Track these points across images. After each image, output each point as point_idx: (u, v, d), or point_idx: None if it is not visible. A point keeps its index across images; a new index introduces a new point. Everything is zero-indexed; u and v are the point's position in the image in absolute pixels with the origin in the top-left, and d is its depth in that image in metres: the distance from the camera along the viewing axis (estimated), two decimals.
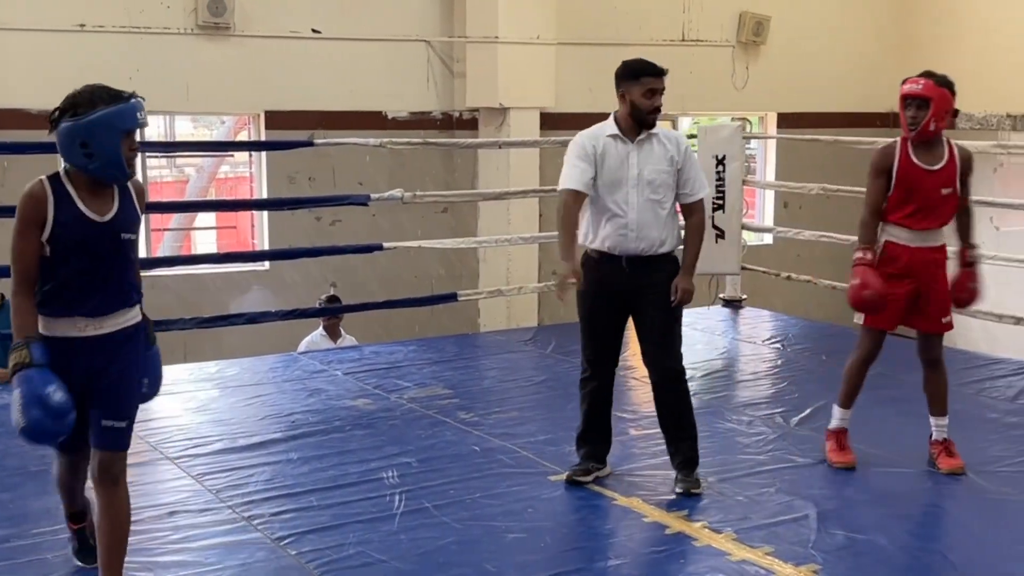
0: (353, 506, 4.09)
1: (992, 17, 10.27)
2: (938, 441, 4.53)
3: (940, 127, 4.38)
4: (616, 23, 9.75)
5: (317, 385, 5.89)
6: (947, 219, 4.45)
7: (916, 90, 4.36)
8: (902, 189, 4.40)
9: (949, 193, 4.39)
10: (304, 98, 8.70)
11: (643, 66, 4.25)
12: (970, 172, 4.47)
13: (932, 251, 4.45)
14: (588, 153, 4.17)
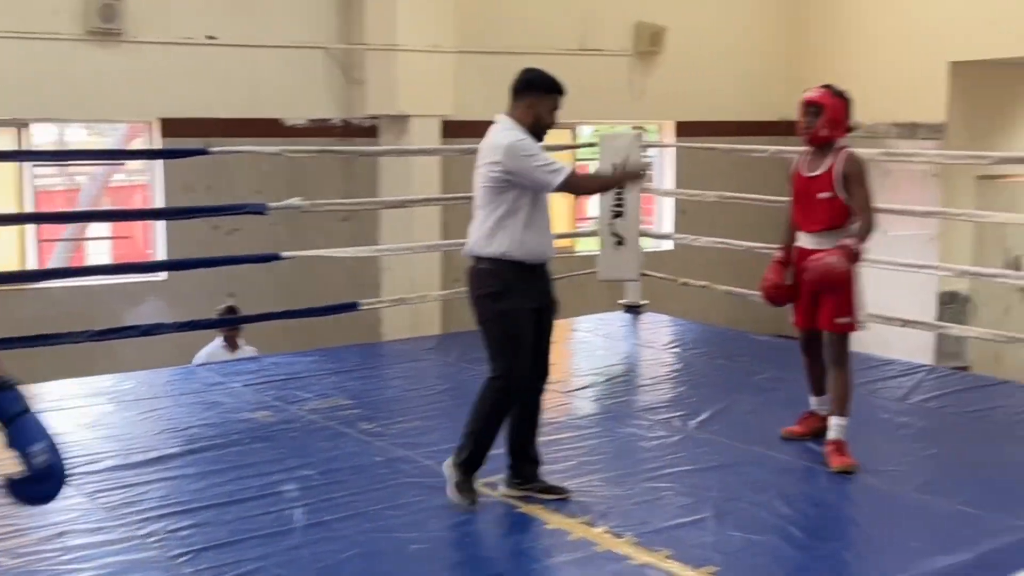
0: (252, 521, 4.01)
1: (879, 30, 10.60)
2: (831, 440, 4.65)
3: (833, 135, 4.63)
4: (515, 32, 9.80)
5: (215, 398, 5.78)
6: (832, 223, 4.61)
7: (812, 97, 4.66)
8: (793, 194, 4.75)
9: (828, 197, 4.59)
10: (200, 105, 8.54)
11: (555, 83, 4.24)
12: (852, 178, 4.59)
13: (825, 253, 4.59)
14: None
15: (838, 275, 4.50)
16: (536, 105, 4.17)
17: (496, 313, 4.08)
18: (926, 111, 10.13)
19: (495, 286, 4.08)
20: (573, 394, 5.93)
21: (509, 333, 4.08)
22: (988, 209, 9.80)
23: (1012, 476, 4.55)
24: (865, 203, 4.61)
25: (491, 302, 4.09)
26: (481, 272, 4.13)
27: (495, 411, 4.13)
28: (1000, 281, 8.59)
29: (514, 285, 4.08)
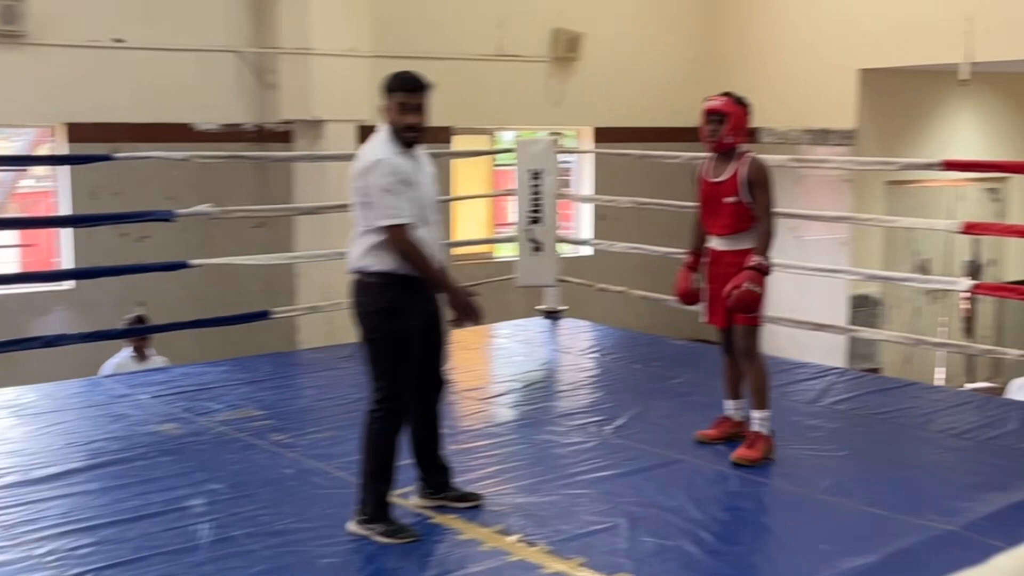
0: (156, 537, 3.90)
1: (792, 38, 10.78)
2: (749, 432, 4.81)
3: (736, 141, 4.78)
4: (432, 37, 9.75)
5: (121, 410, 5.62)
6: (738, 226, 4.76)
7: (715, 106, 4.79)
8: (700, 198, 4.88)
9: (733, 202, 4.74)
10: (107, 110, 8.33)
11: (398, 80, 3.98)
12: (756, 183, 4.72)
13: (732, 254, 4.79)
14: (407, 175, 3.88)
15: (755, 300, 4.65)
16: (387, 107, 3.96)
17: (386, 333, 3.90)
18: (837, 117, 10.33)
19: (384, 303, 3.90)
20: (490, 401, 5.90)
21: (397, 354, 3.90)
22: (897, 214, 10.04)
23: (920, 477, 4.63)
24: (766, 209, 4.73)
25: (380, 320, 3.90)
26: (368, 287, 3.93)
27: (386, 441, 3.93)
28: (909, 285, 8.78)
29: (404, 302, 3.91)
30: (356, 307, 3.98)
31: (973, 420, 5.48)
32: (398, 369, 3.92)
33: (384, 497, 3.93)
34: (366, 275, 3.93)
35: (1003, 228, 7.38)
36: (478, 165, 10.48)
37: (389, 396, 3.91)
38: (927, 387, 7.09)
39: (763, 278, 4.66)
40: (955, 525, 4.01)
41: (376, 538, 3.87)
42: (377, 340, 3.92)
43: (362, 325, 3.96)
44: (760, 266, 4.66)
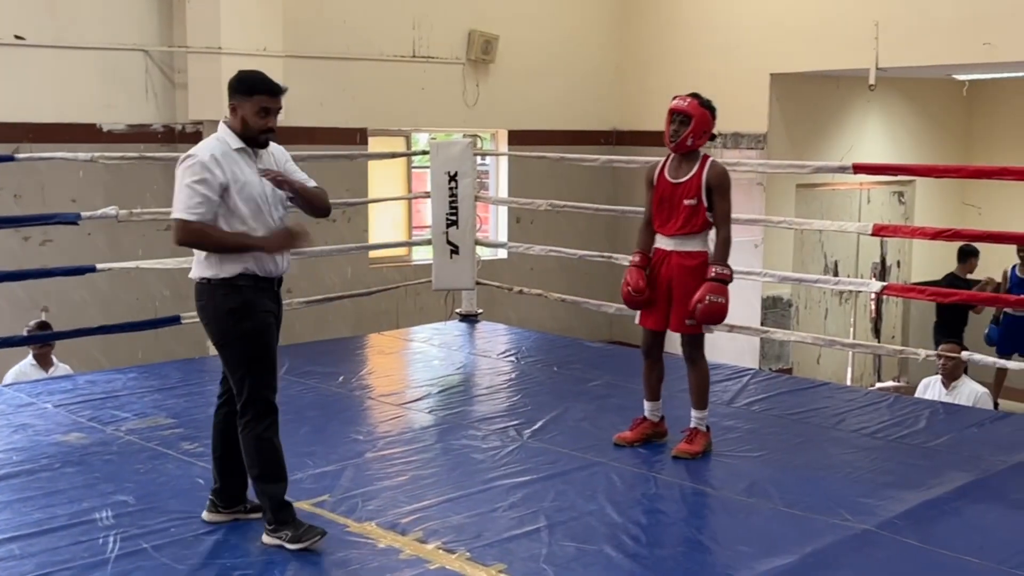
0: (61, 552, 3.76)
1: (705, 42, 10.90)
2: (688, 429, 4.90)
3: (697, 144, 4.81)
4: (346, 37, 9.64)
5: (23, 420, 5.42)
6: (693, 227, 4.77)
7: (681, 106, 4.78)
8: (656, 199, 4.86)
9: (692, 204, 4.75)
10: (8, 109, 8.04)
11: (258, 82, 3.85)
12: (716, 189, 4.74)
13: (682, 255, 4.80)
14: (216, 176, 3.72)
15: (722, 311, 4.68)
16: (240, 108, 3.81)
17: (240, 333, 3.79)
18: (749, 121, 10.47)
19: (234, 303, 3.78)
20: (407, 406, 5.83)
21: (252, 354, 3.80)
22: (807, 216, 10.22)
23: (834, 477, 4.69)
24: (726, 217, 4.76)
25: (233, 321, 3.78)
26: (216, 288, 3.79)
27: (262, 443, 3.81)
28: (819, 286, 8.94)
29: (249, 302, 3.79)
30: (209, 309, 3.83)
31: (884, 419, 5.58)
32: (259, 369, 3.81)
33: (279, 499, 3.84)
34: (216, 277, 3.78)
35: (911, 230, 7.55)
36: (394, 167, 10.39)
37: (253, 398, 3.81)
38: (839, 387, 7.21)
39: (725, 288, 4.68)
40: (870, 524, 4.07)
41: (287, 545, 3.79)
42: (235, 341, 3.80)
43: (219, 326, 3.83)
44: (721, 276, 4.68)
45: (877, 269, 11.86)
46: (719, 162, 4.87)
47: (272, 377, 3.86)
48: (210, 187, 3.71)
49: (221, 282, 3.79)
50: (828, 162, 8.20)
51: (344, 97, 9.62)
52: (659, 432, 5.05)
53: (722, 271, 4.70)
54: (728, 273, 4.71)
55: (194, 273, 3.87)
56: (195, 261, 3.86)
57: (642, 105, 11.38)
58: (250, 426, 3.82)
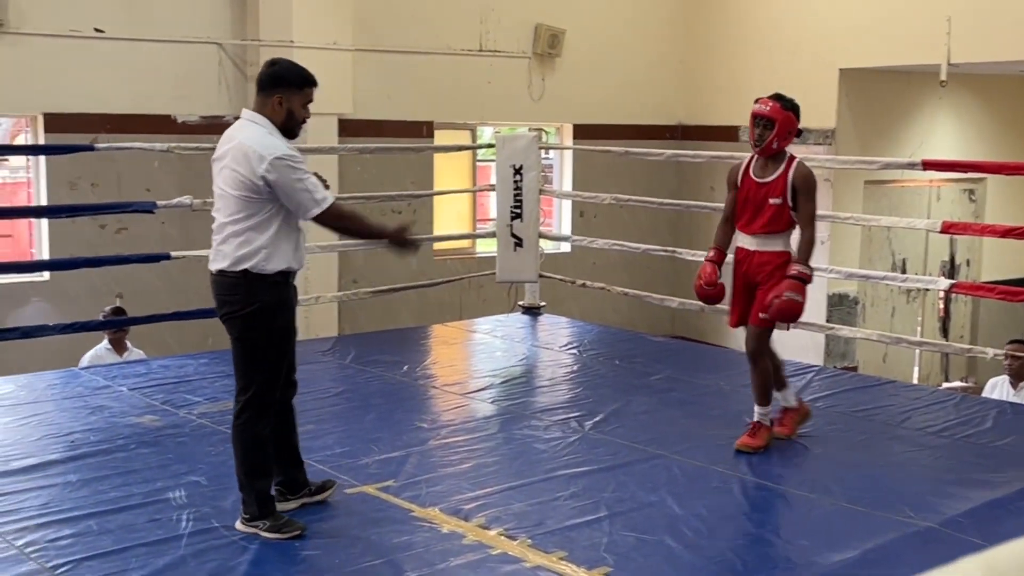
0: (137, 528, 3.89)
1: (773, 37, 10.83)
2: (749, 422, 4.91)
3: (783, 145, 4.83)
4: (414, 31, 9.75)
5: (100, 402, 5.59)
6: (777, 226, 4.79)
7: (764, 111, 4.78)
8: (741, 198, 4.89)
9: (778, 203, 4.76)
10: (87, 100, 8.28)
11: (307, 74, 3.91)
12: (802, 190, 4.75)
13: (763, 255, 4.82)
14: None
15: (797, 309, 4.67)
16: (288, 100, 3.85)
17: (268, 331, 3.83)
18: (817, 117, 10.37)
19: (266, 301, 3.79)
20: (470, 396, 5.90)
21: (275, 353, 3.86)
22: (875, 213, 10.11)
23: (897, 474, 4.67)
24: (810, 218, 4.77)
25: (263, 319, 3.80)
26: (255, 283, 3.78)
27: (258, 440, 3.87)
28: (886, 284, 8.84)
29: (284, 299, 3.85)
30: (243, 303, 3.81)
31: (950, 418, 5.53)
32: (272, 369, 3.86)
33: (265, 494, 3.88)
34: (259, 272, 3.78)
35: (980, 228, 7.43)
36: (459, 160, 10.48)
37: (260, 394, 3.85)
38: (904, 385, 7.14)
39: (804, 287, 4.68)
40: (932, 522, 4.05)
41: (263, 534, 3.82)
42: (258, 339, 3.83)
43: (241, 323, 3.83)
44: (802, 275, 4.67)
45: (946, 267, 11.69)
46: (806, 163, 4.88)
47: (280, 377, 3.91)
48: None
49: (260, 277, 3.78)
50: (897, 158, 8.12)
51: (411, 90, 9.73)
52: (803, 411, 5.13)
53: (803, 270, 4.69)
54: (808, 273, 4.70)
55: (228, 264, 3.80)
56: (231, 254, 3.80)
57: (708, 99, 11.34)
58: (251, 423, 3.86)
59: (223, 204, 3.85)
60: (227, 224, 3.83)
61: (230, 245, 3.81)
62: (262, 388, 3.86)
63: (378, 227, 4.07)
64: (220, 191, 3.87)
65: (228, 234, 3.82)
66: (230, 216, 3.82)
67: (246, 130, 3.86)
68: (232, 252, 3.80)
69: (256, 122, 3.86)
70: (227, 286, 3.84)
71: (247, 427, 3.87)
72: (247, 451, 3.88)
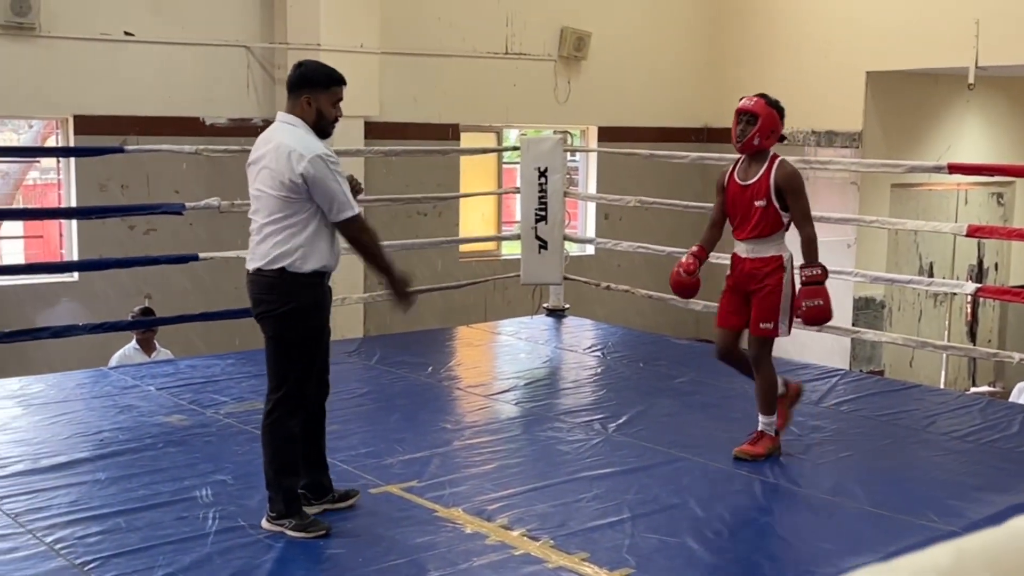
0: (164, 526, 3.94)
1: (799, 39, 10.79)
2: (755, 431, 4.84)
3: (765, 144, 4.71)
4: (440, 34, 9.79)
5: (128, 401, 5.66)
6: (767, 230, 4.67)
7: (748, 105, 4.72)
8: (728, 203, 4.81)
9: (762, 205, 4.65)
10: (116, 102, 8.37)
11: (334, 73, 3.96)
12: (787, 189, 4.64)
13: (755, 261, 4.71)
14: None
15: (825, 312, 4.62)
16: (317, 100, 3.89)
17: (303, 331, 3.88)
18: (843, 119, 10.35)
19: (304, 301, 3.85)
20: (494, 397, 5.93)
21: (308, 352, 3.90)
22: (902, 217, 10.06)
23: (922, 478, 4.66)
24: (804, 215, 4.68)
25: (299, 318, 3.86)
26: (291, 282, 3.83)
27: (289, 438, 3.91)
28: (912, 287, 8.80)
29: (318, 299, 3.90)
30: (278, 302, 3.85)
31: (976, 423, 5.50)
32: (306, 369, 3.91)
33: (293, 492, 3.91)
34: (295, 271, 3.82)
35: (1007, 232, 7.40)
36: (485, 163, 10.52)
37: (292, 393, 3.89)
38: (930, 389, 7.11)
39: (822, 288, 4.61)
40: (957, 526, 4.03)
41: (289, 533, 3.85)
42: (293, 339, 3.87)
43: (285, 321, 3.87)
44: (813, 278, 4.60)
45: (973, 271, 11.61)
46: (789, 162, 4.78)
47: (312, 380, 3.96)
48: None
49: (296, 276, 3.83)
50: (923, 162, 8.08)
51: (437, 93, 9.77)
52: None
53: (812, 273, 4.61)
54: (819, 273, 4.61)
55: (264, 263, 3.84)
56: (268, 253, 3.84)
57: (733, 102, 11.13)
58: (282, 421, 3.89)
59: (261, 205, 3.89)
60: (265, 224, 3.87)
61: (267, 244, 3.86)
62: (294, 387, 3.90)
63: (389, 261, 4.03)
64: (258, 192, 3.91)
65: (266, 234, 3.86)
66: (269, 216, 3.86)
67: (284, 131, 3.90)
68: (269, 251, 3.85)
69: (292, 124, 3.91)
70: (263, 285, 3.89)
71: (277, 425, 3.90)
72: (277, 449, 3.91)
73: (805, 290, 4.61)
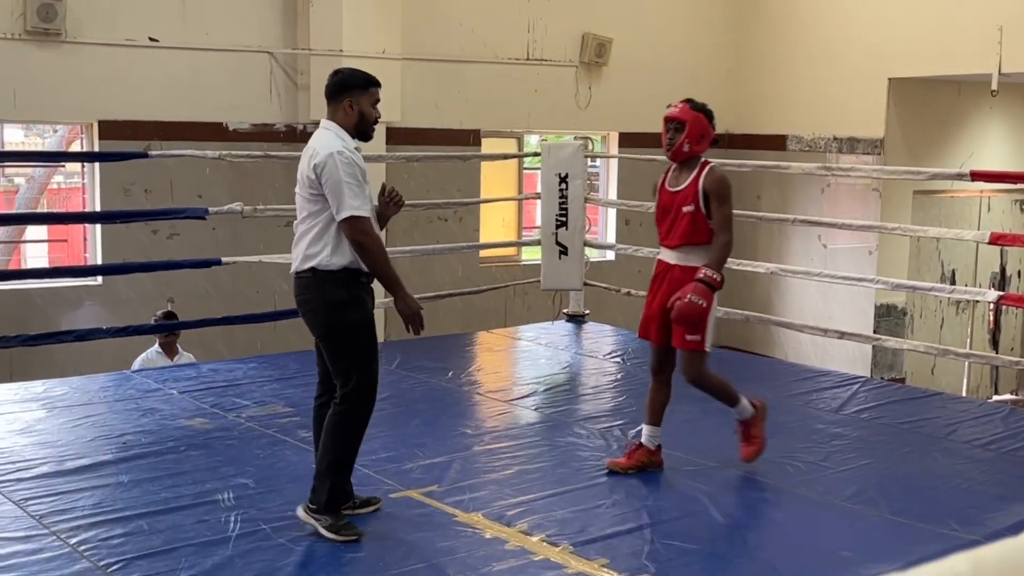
0: (186, 529, 3.97)
1: (821, 46, 10.77)
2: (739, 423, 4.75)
3: (696, 149, 4.62)
4: (462, 40, 9.82)
5: (151, 404, 5.70)
6: (695, 238, 4.55)
7: (674, 113, 4.64)
8: (659, 210, 4.73)
9: (690, 211, 4.54)
10: (140, 108, 8.44)
11: (369, 75, 4.06)
12: (714, 194, 4.52)
13: (682, 269, 4.57)
14: (362, 171, 3.94)
15: (698, 313, 4.43)
16: (358, 102, 3.98)
17: (353, 324, 3.94)
18: (865, 126, 10.31)
19: (346, 295, 3.93)
20: (514, 403, 5.94)
21: (360, 345, 3.94)
22: (924, 224, 10.01)
23: (941, 487, 4.64)
24: (724, 222, 4.53)
25: (345, 312, 3.92)
26: (323, 280, 3.92)
27: (351, 435, 3.96)
28: (934, 294, 8.76)
29: (354, 295, 3.95)
30: (315, 301, 3.94)
31: (998, 431, 5.48)
32: (370, 359, 3.96)
33: (338, 490, 3.95)
34: (324, 269, 3.90)
35: None
36: (506, 168, 10.53)
37: (360, 387, 3.93)
38: (952, 397, 7.07)
39: (711, 292, 4.45)
40: (978, 535, 4.02)
41: (321, 530, 3.89)
42: (343, 332, 3.93)
43: (326, 318, 3.94)
44: (709, 279, 4.45)
45: (996, 279, 11.54)
46: (719, 168, 4.70)
47: (376, 368, 3.99)
48: (362, 179, 3.91)
49: (327, 274, 3.92)
50: (945, 168, 8.05)
51: (458, 99, 9.80)
52: (655, 462, 4.72)
53: (711, 275, 4.45)
54: (717, 279, 4.46)
55: (299, 266, 3.97)
56: (300, 254, 3.96)
57: (755, 108, 11.30)
58: (346, 414, 3.93)
59: (297, 208, 4.01)
60: (299, 225, 4.00)
61: (301, 245, 3.97)
62: (358, 380, 3.93)
63: (395, 278, 3.99)
64: (296, 196, 4.03)
65: (299, 234, 3.99)
66: (300, 218, 3.99)
67: (318, 135, 4.03)
68: (302, 252, 3.96)
69: (328, 127, 4.01)
70: (300, 286, 4.00)
71: (343, 417, 3.93)
72: (337, 440, 3.94)
73: (695, 286, 4.43)
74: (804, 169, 7.47)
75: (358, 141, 4.03)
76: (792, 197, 10.83)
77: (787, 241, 10.99)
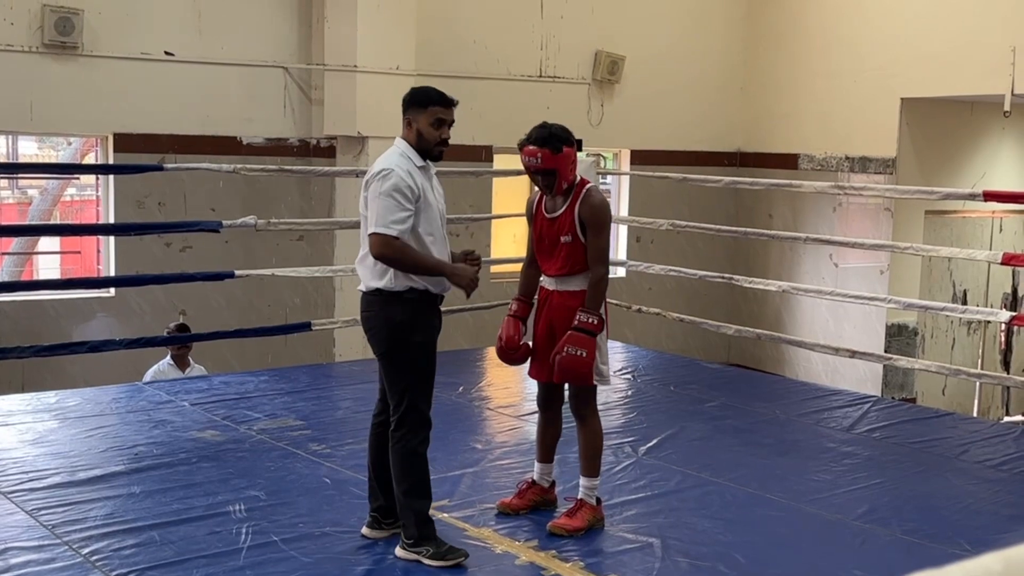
0: (198, 540, 3.98)
1: (834, 65, 10.79)
2: (576, 498, 4.30)
3: (571, 180, 4.21)
4: (475, 57, 9.86)
5: (163, 416, 5.72)
6: (575, 268, 4.20)
7: (537, 165, 4.15)
8: (536, 236, 4.35)
9: (568, 241, 4.18)
10: (155, 121, 8.49)
11: (432, 93, 3.98)
12: (590, 223, 4.16)
13: (563, 295, 4.24)
14: (414, 191, 3.82)
15: (584, 364, 4.10)
16: (416, 120, 3.90)
17: (412, 345, 3.86)
18: (878, 145, 10.31)
19: (399, 318, 3.85)
20: (524, 418, 5.95)
21: (418, 368, 3.88)
22: (936, 244, 10.00)
23: (953, 506, 4.63)
24: (598, 255, 4.19)
25: (405, 333, 3.85)
26: (387, 301, 3.87)
27: (417, 458, 3.89)
28: (945, 314, 8.74)
29: (419, 316, 3.88)
30: (378, 319, 3.90)
31: (1010, 452, 5.46)
32: (421, 382, 3.90)
33: (425, 515, 3.88)
34: (390, 290, 3.86)
35: None
36: (517, 184, 10.55)
37: (411, 408, 3.88)
38: (963, 417, 7.06)
39: (591, 339, 4.10)
40: None
41: (426, 562, 3.81)
42: (402, 353, 3.88)
43: (387, 338, 3.89)
44: (586, 325, 4.09)
45: (1008, 300, 11.52)
46: (597, 191, 4.26)
47: (431, 391, 3.94)
48: (409, 201, 3.80)
49: (392, 295, 3.86)
50: (958, 188, 8.05)
51: (471, 115, 9.81)
52: (548, 500, 4.44)
53: (587, 319, 4.08)
54: (595, 323, 4.10)
55: (365, 284, 3.94)
56: (366, 273, 3.92)
57: (767, 127, 11.31)
58: (405, 439, 3.87)
59: (361, 226, 3.98)
60: (363, 244, 3.95)
61: (364, 265, 3.95)
62: (412, 403, 3.87)
63: (436, 266, 3.88)
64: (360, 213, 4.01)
65: (363, 255, 3.94)
66: (362, 237, 3.95)
67: (384, 153, 4.00)
68: (366, 271, 3.94)
69: (396, 144, 3.98)
70: (365, 303, 3.99)
71: (401, 444, 3.88)
72: (404, 468, 3.88)
73: (572, 336, 4.07)
74: (816, 188, 7.48)
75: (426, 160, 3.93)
76: (804, 216, 10.84)
77: (798, 260, 10.99)
